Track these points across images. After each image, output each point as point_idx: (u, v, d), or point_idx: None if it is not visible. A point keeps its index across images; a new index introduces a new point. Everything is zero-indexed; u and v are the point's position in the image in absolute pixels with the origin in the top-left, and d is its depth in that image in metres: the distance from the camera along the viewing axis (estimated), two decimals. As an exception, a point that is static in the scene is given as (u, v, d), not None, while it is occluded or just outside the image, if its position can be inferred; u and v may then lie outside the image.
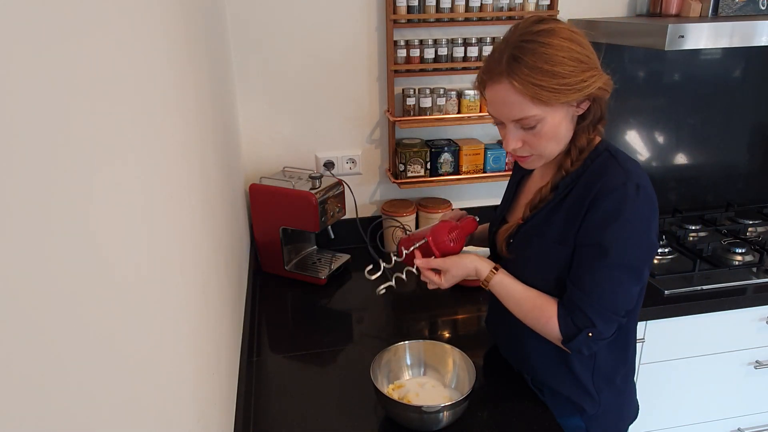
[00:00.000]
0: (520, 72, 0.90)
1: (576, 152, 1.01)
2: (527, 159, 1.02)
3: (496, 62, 0.93)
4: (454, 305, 1.57)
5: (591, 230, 0.97)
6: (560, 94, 0.91)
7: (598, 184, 0.96)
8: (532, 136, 0.97)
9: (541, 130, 0.95)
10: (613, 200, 0.94)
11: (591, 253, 0.97)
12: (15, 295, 0.31)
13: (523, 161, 1.03)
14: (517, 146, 0.99)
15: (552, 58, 0.90)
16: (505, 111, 0.95)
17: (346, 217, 1.80)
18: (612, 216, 0.94)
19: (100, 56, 0.47)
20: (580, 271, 0.99)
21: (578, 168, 1.01)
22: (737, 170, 2.13)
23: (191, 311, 0.75)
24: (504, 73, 0.92)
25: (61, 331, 0.36)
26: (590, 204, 0.96)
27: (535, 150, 0.99)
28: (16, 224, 0.31)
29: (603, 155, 1.00)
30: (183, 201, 0.76)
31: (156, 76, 0.67)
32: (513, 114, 0.95)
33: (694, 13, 1.70)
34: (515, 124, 0.96)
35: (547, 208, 1.05)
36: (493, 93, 0.95)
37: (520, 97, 0.92)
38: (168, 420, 0.59)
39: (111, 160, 0.48)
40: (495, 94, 0.95)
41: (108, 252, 0.45)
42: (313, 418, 1.14)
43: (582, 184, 0.99)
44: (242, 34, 1.68)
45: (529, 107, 0.92)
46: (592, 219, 0.96)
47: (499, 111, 0.97)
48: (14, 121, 0.32)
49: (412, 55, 1.72)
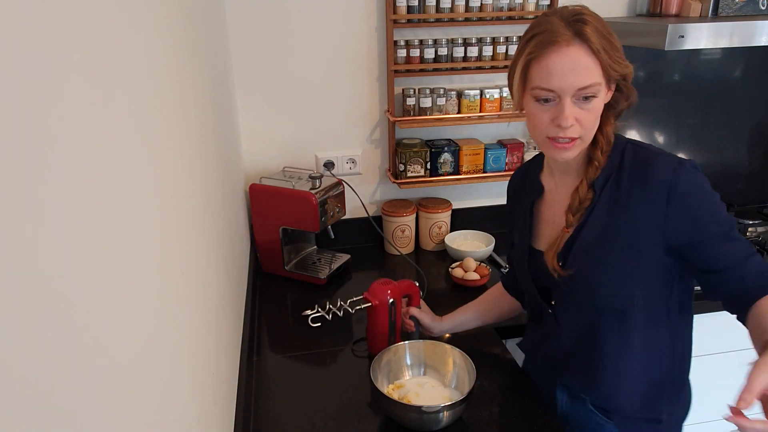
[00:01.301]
0: (593, 35, 0.88)
1: (605, 142, 0.98)
2: (572, 144, 0.95)
3: (558, 30, 0.89)
4: (454, 305, 1.57)
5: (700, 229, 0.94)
6: (617, 65, 0.91)
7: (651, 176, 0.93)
8: (586, 113, 0.92)
9: (595, 106, 0.92)
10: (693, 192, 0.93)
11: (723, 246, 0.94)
12: (15, 295, 0.31)
13: (568, 147, 0.95)
14: (573, 122, 0.92)
15: (607, 26, 0.91)
16: (572, 78, 0.89)
17: (348, 217, 1.80)
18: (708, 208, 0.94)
19: (99, 56, 0.47)
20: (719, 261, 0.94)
21: (610, 162, 0.98)
22: (737, 170, 2.13)
23: (191, 311, 0.75)
24: (575, 37, 0.88)
25: (60, 331, 0.36)
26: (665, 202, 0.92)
27: (583, 129, 0.93)
28: (15, 224, 0.31)
29: (628, 147, 0.99)
30: (183, 201, 0.76)
31: (156, 75, 0.67)
32: (580, 80, 0.89)
33: (694, 13, 1.70)
34: (576, 95, 0.91)
35: (595, 212, 0.99)
36: (558, 60, 0.89)
37: (592, 61, 0.89)
38: (168, 420, 0.59)
39: (110, 160, 0.48)
40: (562, 61, 0.89)
41: (107, 252, 0.45)
42: (313, 418, 1.14)
43: (630, 178, 0.96)
44: (242, 34, 1.68)
45: (597, 73, 0.90)
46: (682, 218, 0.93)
47: (564, 79, 0.89)
48: (11, 122, 0.32)
49: (412, 55, 1.72)
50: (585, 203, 1.00)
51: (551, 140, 0.95)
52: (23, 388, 0.31)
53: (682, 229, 0.93)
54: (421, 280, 1.66)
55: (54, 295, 0.36)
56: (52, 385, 0.34)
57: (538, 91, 0.92)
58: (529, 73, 0.93)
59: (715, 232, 0.94)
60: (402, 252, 1.85)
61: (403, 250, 1.86)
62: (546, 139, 0.96)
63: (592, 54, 0.89)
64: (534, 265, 1.11)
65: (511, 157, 1.85)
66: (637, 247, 0.96)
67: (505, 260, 1.77)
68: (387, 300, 1.27)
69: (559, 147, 0.95)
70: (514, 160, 1.86)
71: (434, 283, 1.69)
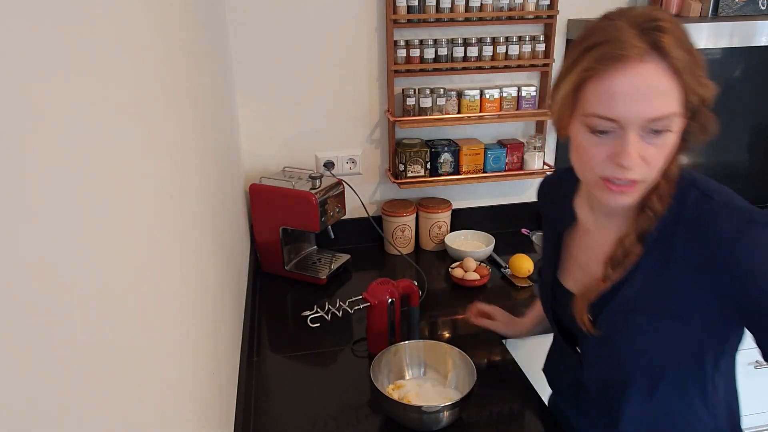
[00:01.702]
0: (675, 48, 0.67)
1: (666, 186, 0.79)
2: (631, 189, 0.75)
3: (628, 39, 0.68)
4: (454, 305, 1.57)
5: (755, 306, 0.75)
6: (701, 87, 0.71)
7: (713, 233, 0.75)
8: (655, 150, 0.72)
9: (667, 142, 0.72)
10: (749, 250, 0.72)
11: None
12: (15, 295, 0.31)
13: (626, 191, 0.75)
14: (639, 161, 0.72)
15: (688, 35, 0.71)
16: (644, 106, 0.69)
17: (348, 217, 1.80)
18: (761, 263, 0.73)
19: (99, 56, 0.47)
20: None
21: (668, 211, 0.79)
22: (737, 170, 2.13)
23: (191, 311, 0.75)
24: (651, 51, 0.68)
25: (60, 331, 0.36)
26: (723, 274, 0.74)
27: (649, 170, 0.74)
28: (15, 224, 0.31)
29: (693, 194, 0.79)
30: (183, 201, 0.76)
31: (155, 75, 0.67)
32: (654, 110, 0.69)
33: (694, 13, 1.70)
34: (645, 128, 0.71)
35: (641, 269, 0.81)
36: (627, 80, 0.69)
37: (672, 84, 0.69)
38: (168, 420, 0.59)
39: (110, 160, 0.48)
40: (635, 81, 0.68)
41: (107, 252, 0.45)
42: (313, 418, 1.14)
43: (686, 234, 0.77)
44: (242, 34, 1.67)
45: (675, 100, 0.70)
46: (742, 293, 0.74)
47: (633, 107, 0.69)
48: (11, 123, 0.32)
49: (412, 55, 1.72)
50: (630, 258, 0.81)
51: (605, 182, 0.76)
52: (23, 389, 0.31)
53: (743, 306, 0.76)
54: (421, 280, 1.66)
55: (54, 295, 0.36)
56: (51, 385, 0.34)
57: (594, 120, 0.72)
58: (582, 94, 0.74)
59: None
60: (402, 252, 1.85)
61: (403, 250, 1.86)
62: (599, 180, 0.77)
63: (673, 74, 0.68)
64: (559, 303, 0.99)
65: (511, 157, 1.85)
66: (685, 317, 0.80)
67: (507, 261, 1.77)
68: (386, 300, 1.27)
69: (615, 191, 0.75)
70: (514, 160, 1.86)
71: (434, 283, 1.69)
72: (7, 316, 0.30)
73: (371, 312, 1.29)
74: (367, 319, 1.31)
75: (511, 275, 1.70)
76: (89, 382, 0.40)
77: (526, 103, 1.81)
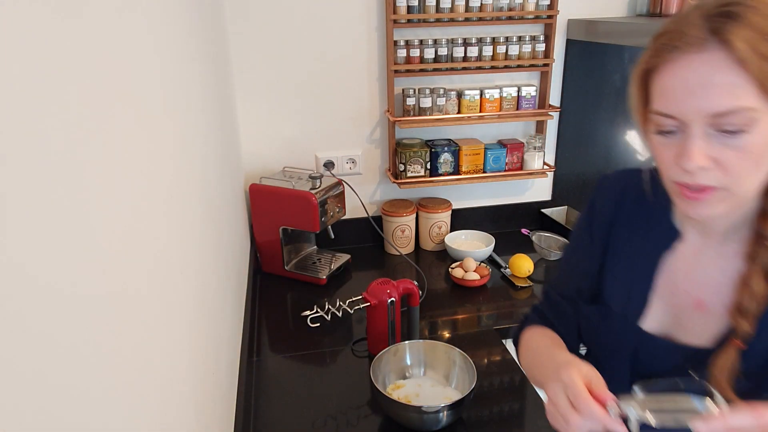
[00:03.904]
0: (742, 33, 0.59)
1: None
2: (706, 195, 0.65)
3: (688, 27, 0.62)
4: (454, 305, 1.57)
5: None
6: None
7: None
8: (732, 153, 0.62)
9: (749, 142, 0.61)
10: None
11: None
12: (14, 295, 0.31)
13: (700, 198, 0.66)
14: (706, 164, 0.63)
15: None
16: (704, 99, 0.61)
17: (348, 217, 1.80)
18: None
19: (99, 56, 0.47)
20: None
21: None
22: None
23: (191, 311, 0.75)
24: (712, 38, 0.60)
25: (60, 331, 0.36)
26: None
27: (728, 177, 0.63)
28: (14, 225, 0.31)
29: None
30: (183, 201, 0.76)
31: (155, 75, 0.67)
32: (715, 103, 0.61)
33: (694, 13, 1.70)
34: (709, 124, 0.62)
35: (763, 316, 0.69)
36: (682, 72, 0.63)
37: (735, 75, 0.60)
38: (168, 420, 0.59)
39: (110, 160, 0.48)
40: (687, 74, 0.62)
41: (107, 252, 0.45)
42: (313, 418, 1.14)
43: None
44: (242, 34, 1.67)
45: (746, 93, 0.60)
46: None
47: (689, 102, 0.62)
48: (13, 121, 0.32)
49: (412, 55, 1.72)
50: (762, 303, 0.68)
51: (680, 187, 0.67)
52: (23, 389, 0.31)
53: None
54: (421, 280, 1.66)
55: (54, 295, 0.36)
56: (51, 385, 0.34)
57: (657, 118, 0.67)
58: (649, 87, 0.68)
59: None
60: (402, 252, 1.85)
61: (403, 250, 1.86)
62: (674, 186, 0.68)
63: (737, 64, 0.59)
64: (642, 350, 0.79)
65: (511, 157, 1.85)
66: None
67: (507, 261, 1.76)
68: (386, 300, 1.27)
69: (689, 198, 0.66)
70: (514, 160, 1.86)
71: (434, 283, 1.69)
72: (7, 316, 0.30)
73: (371, 312, 1.29)
74: (367, 319, 1.31)
75: (511, 275, 1.70)
76: (89, 382, 0.40)
77: (526, 103, 1.81)
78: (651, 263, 0.78)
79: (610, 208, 0.84)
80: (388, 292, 1.28)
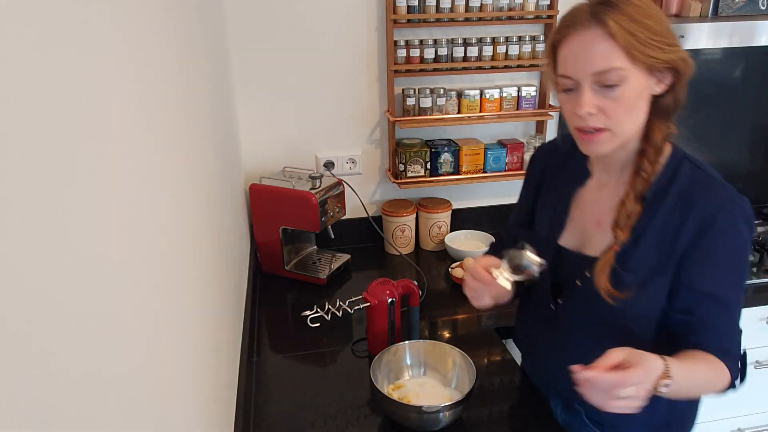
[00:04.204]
0: (614, 16, 0.82)
1: (653, 152, 0.91)
2: (598, 136, 0.88)
3: (580, 14, 0.85)
4: (454, 305, 1.57)
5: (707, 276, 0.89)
6: (650, 48, 0.83)
7: (700, 203, 0.89)
8: (610, 102, 0.85)
9: (622, 95, 0.84)
10: (727, 240, 0.88)
11: (713, 308, 0.90)
12: (14, 296, 0.31)
13: (592, 139, 0.88)
14: (592, 110, 0.86)
15: (645, 10, 0.84)
16: (588, 62, 0.84)
17: (348, 217, 1.80)
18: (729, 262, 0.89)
19: (99, 56, 0.47)
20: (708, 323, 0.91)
21: (662, 174, 0.92)
22: (737, 170, 2.13)
23: (191, 311, 0.75)
24: (593, 20, 0.83)
25: (60, 331, 0.36)
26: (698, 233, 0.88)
27: (610, 120, 0.86)
28: (14, 225, 0.31)
29: (685, 164, 0.93)
30: (183, 201, 0.76)
31: (155, 76, 0.67)
32: (596, 65, 0.83)
33: (694, 13, 1.70)
34: (594, 81, 0.85)
35: (638, 231, 0.92)
36: (574, 44, 0.85)
37: (609, 45, 0.82)
38: (168, 420, 0.59)
39: (110, 161, 0.48)
40: (577, 45, 0.85)
41: (106, 252, 0.45)
42: (313, 417, 1.14)
43: (677, 198, 0.90)
44: (242, 34, 1.67)
45: (617, 57, 0.83)
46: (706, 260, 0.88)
47: (579, 65, 0.85)
48: (15, 122, 0.32)
49: (412, 55, 1.72)
50: (633, 218, 0.92)
51: (579, 132, 0.90)
52: (22, 389, 0.31)
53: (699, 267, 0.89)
54: (421, 280, 1.66)
55: (54, 295, 0.36)
56: (51, 385, 0.34)
57: (559, 80, 0.89)
58: (555, 60, 0.90)
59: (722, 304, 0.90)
60: (402, 252, 1.85)
61: (403, 250, 1.86)
62: (576, 132, 0.91)
63: (609, 37, 0.82)
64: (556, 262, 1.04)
65: (511, 157, 1.85)
66: (668, 272, 0.91)
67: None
68: (386, 300, 1.27)
69: (585, 139, 0.89)
70: (514, 160, 1.86)
71: (434, 283, 1.69)
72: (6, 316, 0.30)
73: (371, 312, 1.29)
74: (367, 319, 1.31)
75: (511, 275, 1.70)
76: (89, 382, 0.40)
77: (526, 103, 1.81)
78: (567, 197, 1.04)
79: (540, 167, 1.12)
80: (388, 292, 1.28)
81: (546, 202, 1.08)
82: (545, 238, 1.05)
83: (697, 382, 0.90)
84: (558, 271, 1.04)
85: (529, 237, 1.05)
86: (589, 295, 0.95)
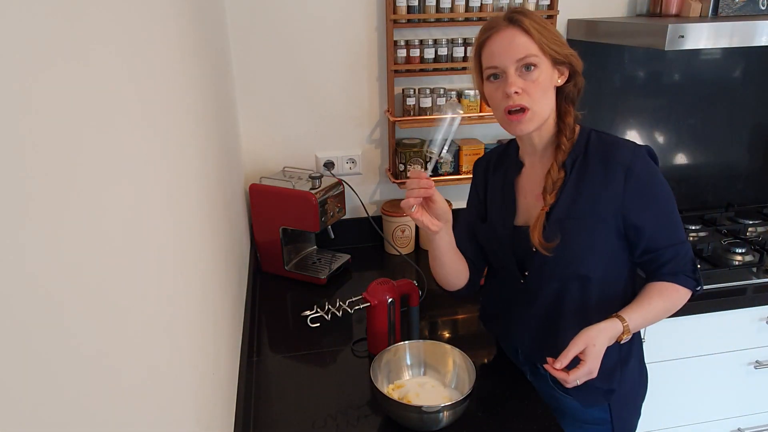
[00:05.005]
0: (526, 20, 1.05)
1: (568, 129, 1.11)
2: (523, 116, 1.07)
3: (498, 20, 1.08)
4: (454, 305, 1.57)
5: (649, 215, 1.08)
6: (553, 44, 1.06)
7: (614, 156, 1.08)
8: (530, 83, 1.05)
9: (538, 77, 1.05)
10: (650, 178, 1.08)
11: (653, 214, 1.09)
12: (14, 295, 0.31)
13: (519, 118, 1.07)
14: (518, 89, 1.05)
15: (544, 20, 1.09)
16: (511, 52, 1.05)
17: (348, 217, 1.80)
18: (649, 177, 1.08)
19: (100, 58, 0.47)
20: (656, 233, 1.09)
21: (577, 144, 1.12)
22: (737, 170, 2.13)
23: (191, 311, 0.75)
24: (510, 23, 1.06)
25: (60, 331, 0.36)
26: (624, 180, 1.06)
27: (531, 99, 1.06)
28: (14, 225, 0.31)
29: (593, 134, 1.13)
30: (183, 201, 0.76)
31: (155, 76, 0.67)
32: (518, 53, 1.04)
33: (694, 13, 1.70)
34: (517, 67, 1.05)
35: (566, 189, 1.11)
36: (498, 40, 1.06)
37: (526, 38, 1.05)
38: (168, 420, 0.59)
39: (110, 161, 0.48)
40: (500, 41, 1.06)
41: (106, 252, 0.45)
42: (313, 417, 1.14)
43: (595, 159, 1.10)
44: (242, 34, 1.68)
45: (532, 47, 1.04)
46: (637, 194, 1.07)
47: (503, 55, 1.06)
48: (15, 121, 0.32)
49: (412, 55, 1.72)
50: (558, 183, 1.11)
51: (507, 115, 1.07)
52: (22, 389, 0.31)
53: (636, 205, 1.08)
54: (421, 280, 1.66)
55: (54, 295, 0.36)
56: (51, 386, 0.34)
57: (488, 71, 1.08)
58: (481, 59, 1.10)
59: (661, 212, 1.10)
60: (402, 252, 1.85)
61: (403, 250, 1.86)
62: (504, 115, 1.08)
63: (525, 33, 1.05)
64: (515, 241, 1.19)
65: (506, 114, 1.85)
66: (601, 219, 1.09)
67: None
68: (386, 300, 1.27)
69: (513, 119, 1.07)
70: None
71: (434, 284, 1.67)
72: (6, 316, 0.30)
73: (371, 312, 1.29)
74: (367, 319, 1.31)
75: (511, 275, 1.70)
76: (89, 382, 0.40)
77: (526, 103, 1.81)
78: (510, 185, 1.21)
79: (482, 171, 1.30)
80: (388, 292, 1.28)
81: (494, 196, 1.25)
82: (501, 223, 1.22)
83: (655, 315, 1.11)
84: (518, 248, 1.18)
85: (486, 228, 1.24)
86: (547, 259, 1.11)
